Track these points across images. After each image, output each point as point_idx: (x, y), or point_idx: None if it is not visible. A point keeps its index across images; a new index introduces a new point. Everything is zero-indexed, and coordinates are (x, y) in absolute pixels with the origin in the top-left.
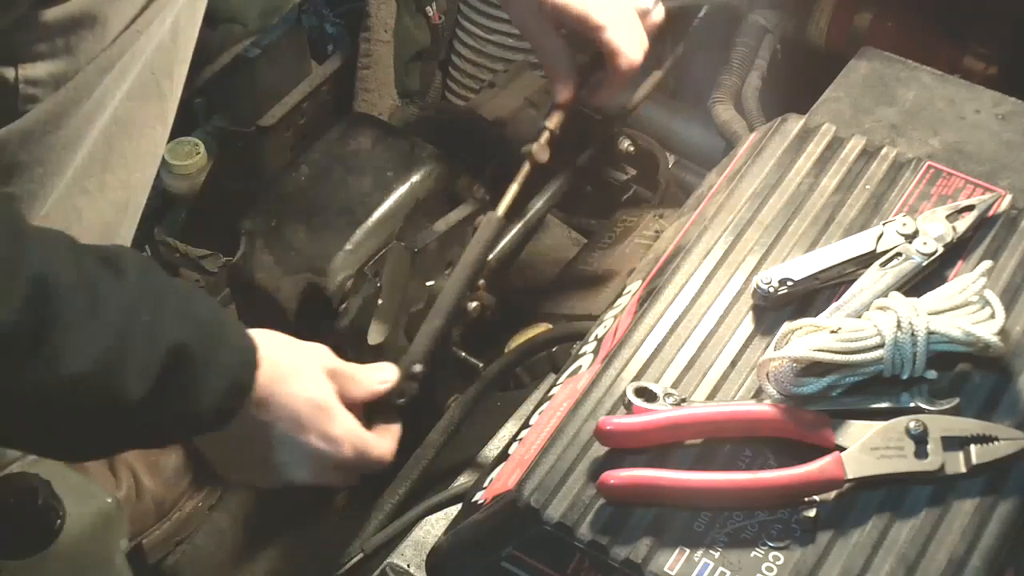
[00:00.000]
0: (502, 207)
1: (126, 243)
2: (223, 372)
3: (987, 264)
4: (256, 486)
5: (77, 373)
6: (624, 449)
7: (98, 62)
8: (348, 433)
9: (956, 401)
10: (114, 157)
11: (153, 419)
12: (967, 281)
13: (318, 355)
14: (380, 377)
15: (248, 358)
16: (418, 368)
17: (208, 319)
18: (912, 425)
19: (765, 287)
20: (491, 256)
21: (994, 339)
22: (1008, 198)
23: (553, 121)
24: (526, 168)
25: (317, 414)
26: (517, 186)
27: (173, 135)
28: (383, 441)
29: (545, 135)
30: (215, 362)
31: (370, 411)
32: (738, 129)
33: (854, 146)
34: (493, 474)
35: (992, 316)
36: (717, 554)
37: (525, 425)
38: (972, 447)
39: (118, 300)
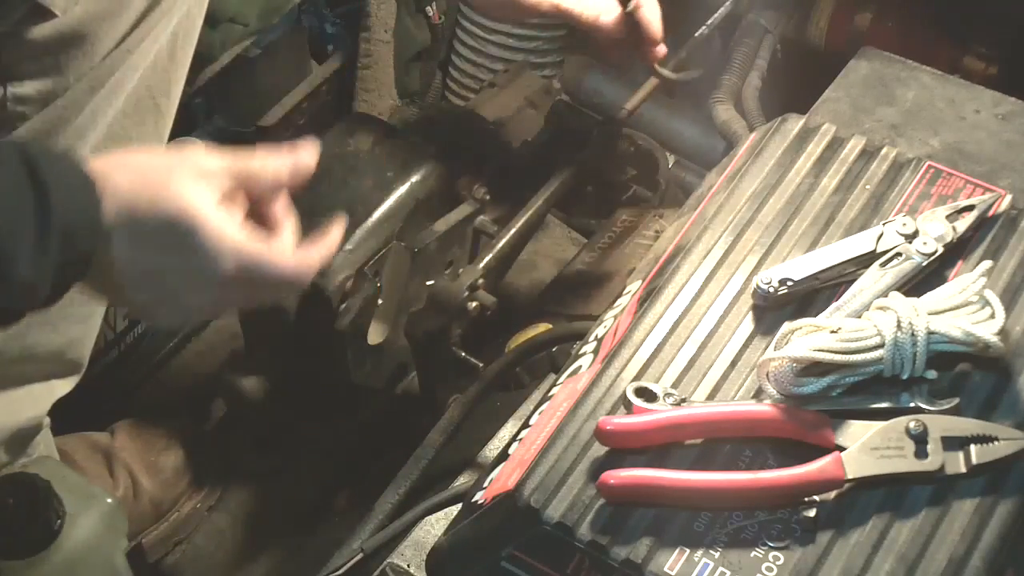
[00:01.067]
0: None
1: None
2: (48, 238)
3: (987, 264)
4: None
5: None
6: (624, 449)
7: (88, 79)
8: (224, 240)
9: (956, 401)
10: (118, 147)
11: None
12: (967, 281)
13: (182, 161)
14: (278, 163)
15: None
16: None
17: (12, 181)
18: (912, 425)
19: (765, 287)
20: (491, 256)
21: (994, 339)
22: (1008, 198)
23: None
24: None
25: (176, 230)
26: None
27: (173, 135)
28: (278, 246)
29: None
30: (26, 233)
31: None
32: (738, 129)
33: (854, 146)
34: (493, 474)
35: (992, 316)
36: (717, 554)
37: (525, 425)
38: (972, 447)
39: None
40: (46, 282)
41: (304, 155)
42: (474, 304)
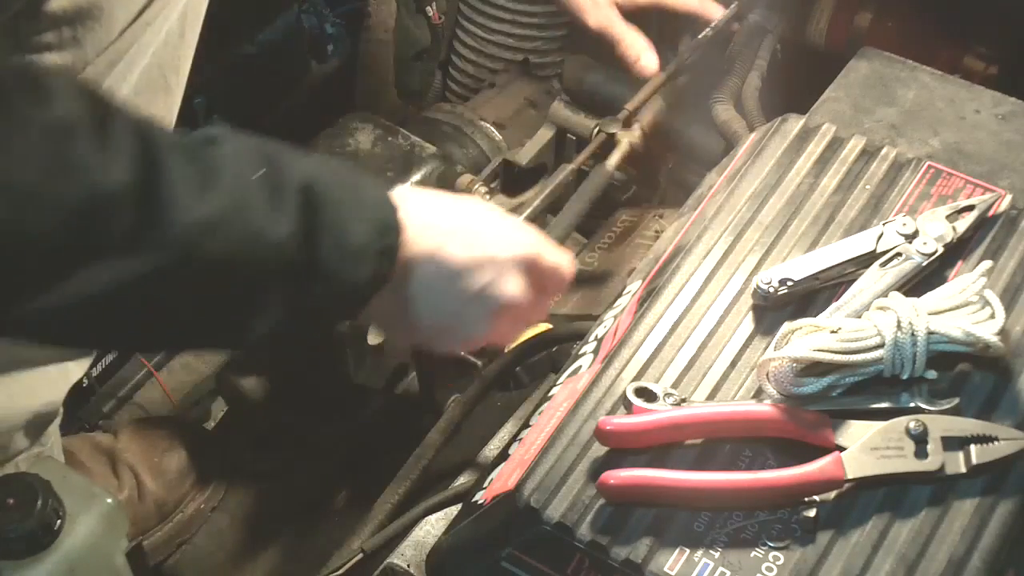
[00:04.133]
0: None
1: None
2: (367, 212)
3: (987, 264)
4: (442, 350)
5: (202, 219)
6: (624, 449)
7: (107, 55)
8: (524, 226)
9: (956, 401)
10: None
11: (309, 267)
12: (967, 281)
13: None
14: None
15: (389, 205)
16: None
17: (337, 166)
18: (912, 425)
19: (765, 287)
20: None
21: (994, 339)
22: (1008, 198)
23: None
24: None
25: (485, 221)
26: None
27: None
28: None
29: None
30: (357, 202)
31: None
32: (738, 129)
33: (854, 146)
34: (493, 474)
35: (992, 316)
36: (717, 554)
37: (525, 425)
38: (972, 447)
39: (229, 163)
40: (370, 254)
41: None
42: None
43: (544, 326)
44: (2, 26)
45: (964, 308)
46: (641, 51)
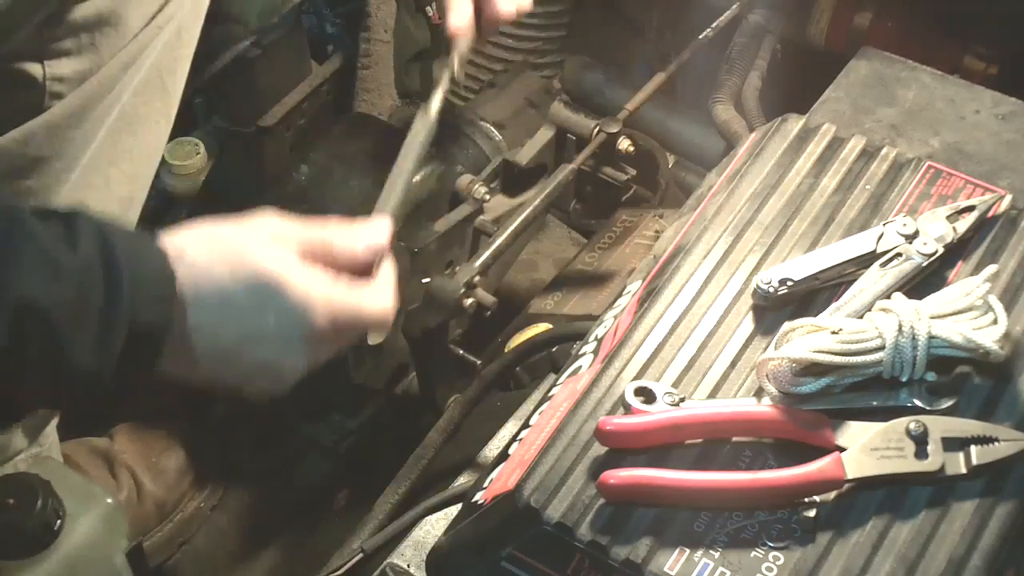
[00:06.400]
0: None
1: None
2: (115, 322)
3: (992, 268)
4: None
5: None
6: (624, 449)
7: (119, 58)
8: (316, 295)
9: (955, 401)
10: (119, 152)
11: (11, 394)
12: (971, 285)
13: (253, 227)
14: (365, 239)
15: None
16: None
17: (84, 260)
18: (912, 426)
19: (765, 287)
20: (488, 254)
21: (995, 346)
22: (1008, 198)
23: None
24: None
25: (262, 292)
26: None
27: (173, 135)
28: (373, 291)
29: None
30: (91, 315)
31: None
32: (738, 129)
33: (854, 146)
34: (493, 474)
35: (994, 322)
36: (717, 554)
37: (525, 425)
38: (972, 448)
39: None
40: (108, 369)
41: (376, 232)
42: (470, 301)
43: (544, 326)
44: (26, 34)
45: (967, 313)
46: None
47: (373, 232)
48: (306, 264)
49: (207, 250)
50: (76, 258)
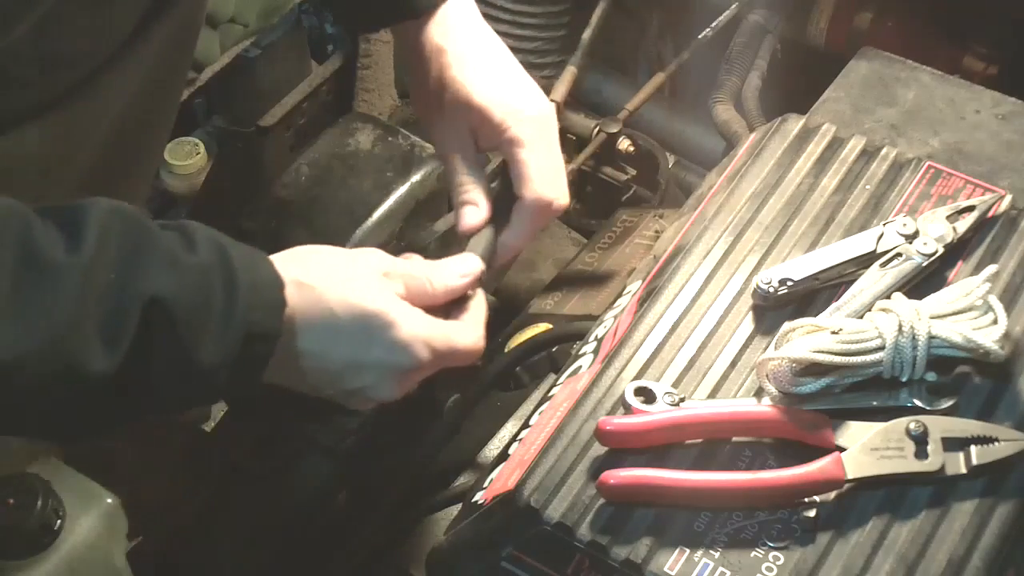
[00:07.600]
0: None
1: None
2: (232, 322)
3: (992, 269)
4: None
5: (20, 353)
6: (624, 449)
7: (119, 58)
8: (418, 334)
9: (955, 401)
10: (119, 153)
11: (137, 392)
12: (972, 285)
13: (365, 262)
14: (460, 271)
15: (266, 304)
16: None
17: (203, 263)
18: (912, 426)
19: (765, 287)
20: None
21: (995, 347)
22: (1008, 198)
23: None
24: None
25: (371, 327)
26: None
27: (173, 135)
28: (466, 328)
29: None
30: (213, 313)
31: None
32: (738, 129)
33: (854, 146)
34: (493, 474)
35: (994, 322)
36: (717, 554)
37: (525, 425)
38: (972, 448)
39: (71, 265)
40: (224, 371)
41: (468, 265)
42: None
43: (544, 326)
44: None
45: (967, 313)
46: (470, 203)
47: (466, 265)
48: (409, 304)
49: (320, 277)
50: (197, 261)
